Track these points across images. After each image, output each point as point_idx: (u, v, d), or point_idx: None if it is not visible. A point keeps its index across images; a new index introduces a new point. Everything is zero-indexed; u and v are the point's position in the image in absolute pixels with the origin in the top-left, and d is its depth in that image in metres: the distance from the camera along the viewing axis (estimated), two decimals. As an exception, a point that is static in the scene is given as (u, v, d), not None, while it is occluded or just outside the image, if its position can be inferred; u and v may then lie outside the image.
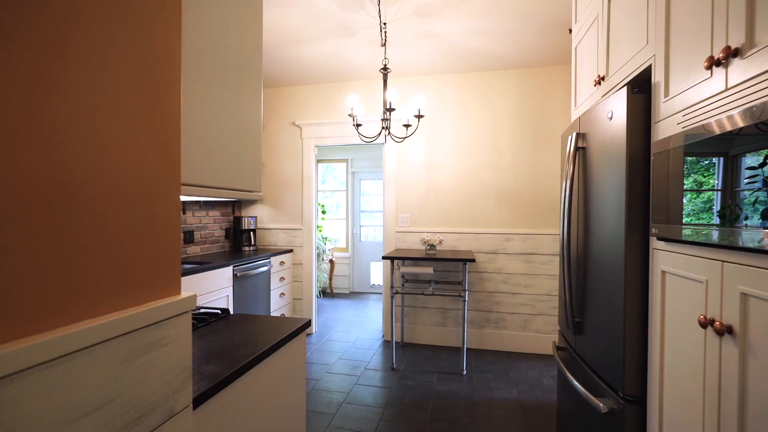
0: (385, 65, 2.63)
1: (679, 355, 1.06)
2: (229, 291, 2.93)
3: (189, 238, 3.30)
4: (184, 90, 0.83)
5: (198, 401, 0.81)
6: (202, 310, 1.43)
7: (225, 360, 1.00)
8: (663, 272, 1.13)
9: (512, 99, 3.49)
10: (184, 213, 3.25)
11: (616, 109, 1.29)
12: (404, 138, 2.85)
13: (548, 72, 3.42)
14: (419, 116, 2.60)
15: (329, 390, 2.71)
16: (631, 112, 1.23)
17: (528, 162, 3.46)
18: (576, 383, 1.55)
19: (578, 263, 1.66)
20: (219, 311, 1.42)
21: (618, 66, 1.47)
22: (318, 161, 6.28)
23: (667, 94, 1.12)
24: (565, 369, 1.72)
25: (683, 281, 1.04)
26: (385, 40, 2.60)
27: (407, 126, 2.75)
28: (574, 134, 1.63)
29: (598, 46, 1.66)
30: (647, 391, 1.22)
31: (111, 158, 0.60)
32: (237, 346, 1.11)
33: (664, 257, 1.13)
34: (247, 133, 1.03)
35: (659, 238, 1.14)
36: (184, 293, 0.74)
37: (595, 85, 1.66)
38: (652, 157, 1.16)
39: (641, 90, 1.29)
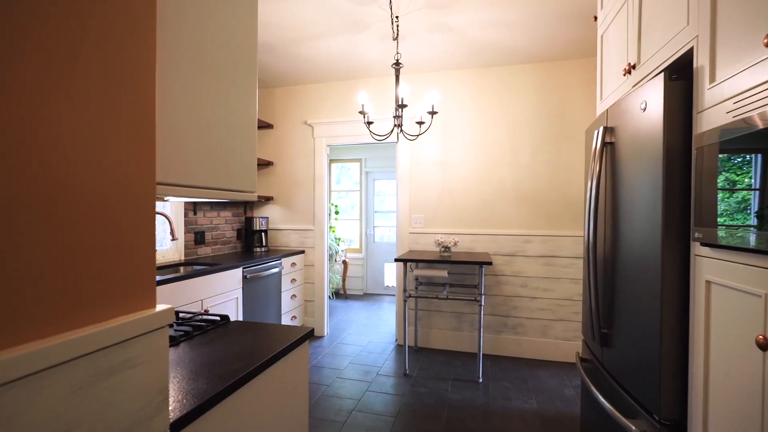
0: (398, 60, 2.53)
1: (729, 379, 0.92)
2: (239, 293, 2.88)
3: (200, 239, 3.27)
4: (165, 82, 0.75)
5: (179, 425, 0.73)
6: (202, 317, 1.36)
7: (216, 375, 0.92)
8: (708, 282, 1.00)
9: (530, 94, 3.34)
10: (195, 213, 3.22)
11: (651, 98, 1.15)
12: (417, 136, 2.74)
13: (569, 65, 3.25)
14: (433, 113, 2.48)
15: (339, 396, 2.63)
16: (669, 101, 1.09)
17: (547, 160, 3.30)
18: (603, 401, 1.42)
19: (605, 268, 1.52)
20: (219, 318, 1.34)
21: (652, 52, 1.33)
22: (331, 161, 6.23)
23: (713, 79, 0.99)
24: (590, 383, 1.58)
25: (734, 294, 0.90)
26: (398, 34, 2.50)
27: (420, 123, 2.64)
28: (601, 129, 1.49)
29: (628, 32, 1.52)
30: (688, 416, 1.09)
31: (62, 149, 0.51)
32: (232, 358, 1.03)
33: (709, 265, 0.99)
34: (238, 130, 0.95)
35: (703, 244, 1.00)
36: (162, 305, 0.66)
37: (624, 75, 1.52)
38: (694, 152, 1.02)
39: (680, 77, 1.15)
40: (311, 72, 3.56)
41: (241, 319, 2.89)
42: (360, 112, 2.45)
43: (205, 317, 1.35)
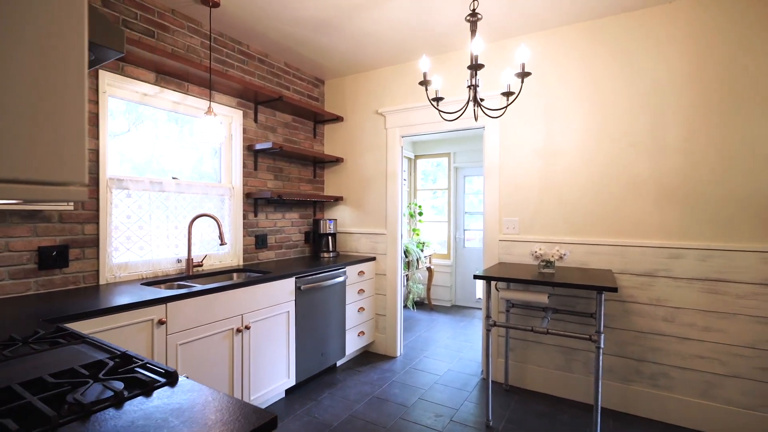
0: (474, 10, 1.87)
1: None
2: (291, 306, 2.53)
3: (261, 242, 3.05)
4: None
5: None
6: (146, 365, 0.95)
7: None
8: None
9: (682, 45, 2.31)
10: (255, 215, 3.01)
11: None
12: (503, 108, 2.03)
13: (751, -7, 2.14)
14: (523, 74, 1.76)
15: (397, 448, 2.07)
16: None
17: (711, 138, 2.24)
18: None
19: None
20: (162, 371, 0.91)
21: None
22: (416, 156, 5.70)
23: None
24: None
25: None
26: (472, -28, 1.84)
27: (508, 94, 1.94)
28: None
29: None
30: None
31: None
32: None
33: None
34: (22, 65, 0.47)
35: None
36: None
37: None
38: None
39: None
40: (378, 52, 3.07)
41: (293, 336, 2.54)
42: (421, 83, 1.86)
43: (147, 369, 0.94)
